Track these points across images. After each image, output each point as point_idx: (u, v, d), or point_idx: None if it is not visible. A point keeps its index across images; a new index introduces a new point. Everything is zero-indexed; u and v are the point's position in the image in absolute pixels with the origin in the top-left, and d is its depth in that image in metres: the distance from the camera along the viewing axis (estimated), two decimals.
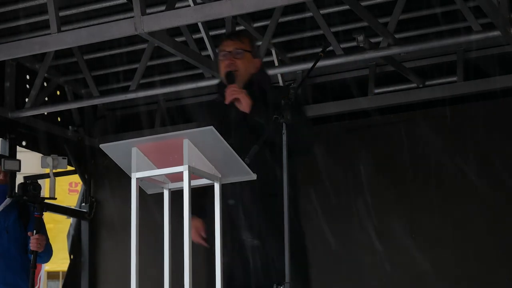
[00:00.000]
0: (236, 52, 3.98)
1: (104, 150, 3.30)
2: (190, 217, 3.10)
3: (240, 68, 3.97)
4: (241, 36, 4.14)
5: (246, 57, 4.00)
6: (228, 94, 3.84)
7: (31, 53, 5.63)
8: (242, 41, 4.04)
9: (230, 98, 3.83)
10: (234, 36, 4.14)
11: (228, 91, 3.85)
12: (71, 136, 7.40)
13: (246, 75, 3.98)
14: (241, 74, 3.95)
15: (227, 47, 4.02)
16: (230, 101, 3.83)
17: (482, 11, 4.90)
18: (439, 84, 6.33)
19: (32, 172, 7.95)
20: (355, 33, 5.42)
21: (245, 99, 3.82)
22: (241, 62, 3.97)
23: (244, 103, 3.82)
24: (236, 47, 4.00)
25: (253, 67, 4.03)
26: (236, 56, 3.98)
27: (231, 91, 3.84)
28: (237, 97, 3.82)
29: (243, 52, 3.99)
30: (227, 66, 3.97)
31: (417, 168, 6.41)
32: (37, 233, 5.36)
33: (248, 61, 4.01)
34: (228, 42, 4.05)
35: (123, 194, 6.90)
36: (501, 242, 6.07)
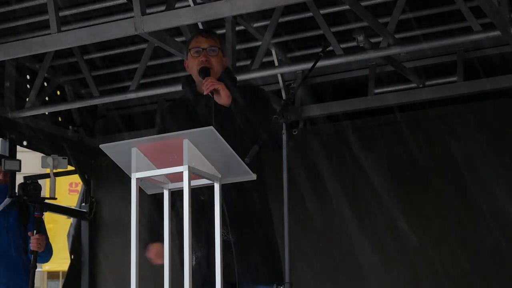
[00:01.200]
0: (210, 50, 3.98)
1: (104, 150, 3.30)
2: (190, 217, 3.10)
3: (214, 65, 3.96)
4: (212, 34, 4.11)
5: (219, 55, 4.00)
6: (208, 85, 3.80)
7: (31, 53, 5.63)
8: (214, 39, 4.03)
9: (209, 88, 3.79)
10: (207, 34, 4.09)
11: (207, 82, 3.82)
12: (71, 136, 7.40)
13: (218, 73, 3.97)
14: (214, 72, 3.94)
15: (202, 43, 4.00)
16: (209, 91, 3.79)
17: (482, 11, 4.90)
18: (439, 84, 6.33)
19: (32, 172, 7.96)
20: (355, 33, 5.42)
21: (225, 90, 3.80)
22: (215, 60, 3.97)
23: (223, 95, 3.79)
24: (210, 45, 3.99)
25: (223, 65, 4.04)
26: (210, 54, 3.97)
27: (209, 82, 3.82)
28: (217, 88, 3.79)
29: (217, 50, 3.99)
30: (202, 63, 3.95)
31: (417, 168, 6.41)
32: (37, 233, 5.36)
33: (220, 59, 4.01)
34: (201, 39, 4.02)
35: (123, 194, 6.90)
36: (501, 242, 6.07)
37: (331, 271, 6.52)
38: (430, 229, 6.32)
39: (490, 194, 6.12)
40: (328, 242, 6.56)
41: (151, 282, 3.94)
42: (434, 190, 6.37)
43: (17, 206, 5.57)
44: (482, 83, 6.17)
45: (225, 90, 3.80)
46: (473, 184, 6.21)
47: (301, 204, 6.41)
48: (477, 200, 6.17)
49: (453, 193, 6.30)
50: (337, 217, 6.58)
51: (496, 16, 5.00)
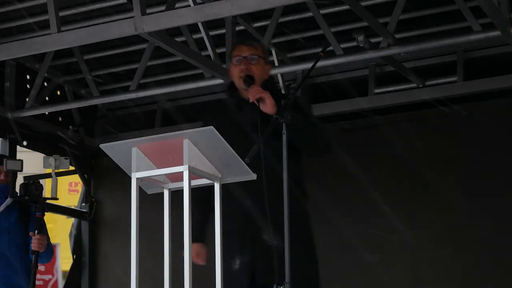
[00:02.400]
0: (251, 58, 4.04)
1: (104, 150, 3.30)
2: (190, 217, 3.10)
3: (255, 73, 4.01)
4: (254, 43, 4.19)
5: (260, 63, 4.05)
6: (253, 93, 3.84)
7: (31, 53, 5.63)
8: (256, 47, 4.10)
9: (255, 97, 3.83)
10: (249, 42, 4.16)
11: (252, 91, 3.86)
12: (71, 136, 7.40)
13: (260, 81, 4.02)
14: (256, 80, 3.99)
15: (243, 52, 4.07)
16: (254, 100, 3.83)
17: (482, 11, 4.90)
18: (439, 84, 6.33)
19: (32, 172, 7.95)
20: (355, 33, 5.42)
21: (270, 99, 3.82)
22: (256, 68, 4.02)
23: (269, 103, 3.81)
24: (251, 53, 4.05)
25: (266, 73, 4.09)
26: (251, 62, 4.03)
27: (255, 90, 3.86)
28: (262, 97, 3.82)
29: (258, 58, 4.04)
30: (243, 71, 4.01)
31: (417, 167, 6.41)
32: (38, 233, 5.36)
33: (262, 67, 4.06)
34: (243, 48, 4.09)
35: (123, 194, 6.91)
36: (501, 242, 6.07)
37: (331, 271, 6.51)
38: (430, 229, 6.32)
39: (490, 193, 6.12)
40: (328, 242, 6.55)
41: (151, 282, 3.94)
42: (434, 190, 6.36)
43: (18, 206, 5.57)
44: (482, 83, 6.16)
45: (271, 98, 3.82)
46: (474, 183, 6.21)
47: None
48: (477, 200, 6.17)
49: (453, 192, 6.29)
50: (337, 217, 6.58)
51: (496, 16, 5.00)
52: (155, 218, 3.55)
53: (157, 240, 3.45)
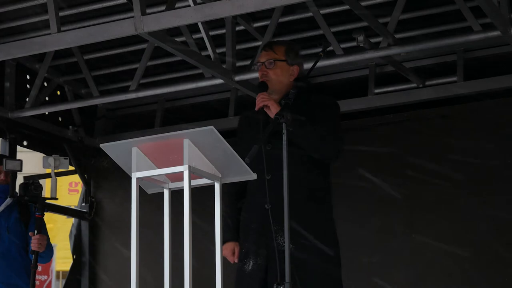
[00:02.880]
0: (268, 63, 4.10)
1: (104, 150, 3.30)
2: (190, 217, 3.11)
3: (272, 78, 4.07)
4: (275, 45, 4.22)
5: (279, 67, 4.10)
6: (258, 102, 3.94)
7: (31, 53, 5.63)
8: (274, 50, 4.14)
9: (259, 105, 3.92)
10: (268, 47, 4.22)
11: (258, 99, 3.95)
12: (71, 136, 7.40)
13: (280, 84, 4.08)
14: (273, 84, 4.05)
15: (261, 58, 4.16)
16: (259, 108, 3.91)
17: (482, 11, 4.90)
18: (439, 84, 6.33)
19: (32, 172, 7.96)
20: (355, 33, 5.42)
21: (273, 105, 3.90)
22: (273, 72, 4.08)
23: (273, 110, 3.88)
24: (268, 58, 4.12)
25: (289, 75, 4.12)
26: (268, 67, 4.09)
27: (260, 98, 3.94)
28: (267, 104, 3.90)
29: (274, 62, 4.09)
30: (261, 77, 4.10)
31: (417, 168, 6.41)
32: (38, 233, 5.36)
33: (281, 70, 4.10)
34: (262, 53, 4.19)
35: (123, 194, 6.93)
36: (501, 242, 6.07)
37: None
38: (430, 229, 6.32)
39: (490, 193, 6.13)
40: None
41: (151, 282, 3.94)
42: (434, 189, 6.36)
43: (19, 206, 5.57)
44: (482, 83, 6.16)
45: (274, 105, 3.89)
46: (473, 183, 6.21)
47: None
48: (477, 200, 6.17)
49: (453, 192, 6.30)
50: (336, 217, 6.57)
51: (496, 16, 5.00)
52: (155, 218, 3.56)
53: (157, 240, 3.45)
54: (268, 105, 3.90)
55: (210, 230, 3.26)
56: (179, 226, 3.14)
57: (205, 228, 3.81)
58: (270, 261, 3.86)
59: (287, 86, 4.06)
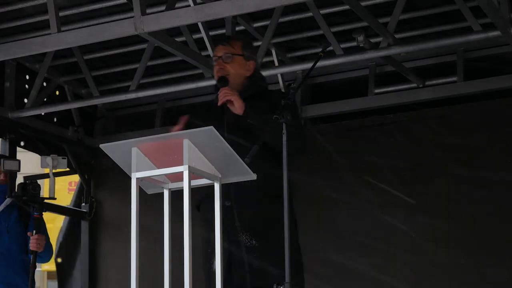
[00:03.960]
0: (225, 57, 4.05)
1: (104, 150, 3.30)
2: (190, 217, 3.11)
3: (231, 72, 4.02)
4: (232, 40, 4.18)
5: (237, 61, 4.05)
6: (221, 96, 3.88)
7: (31, 53, 5.63)
8: (232, 45, 4.09)
9: (222, 100, 3.87)
10: (225, 41, 4.18)
11: (220, 93, 3.89)
12: (71, 136, 7.40)
13: (238, 78, 4.03)
14: (232, 78, 4.01)
15: (218, 52, 4.10)
16: (222, 103, 3.86)
17: (482, 11, 4.90)
18: (439, 84, 6.33)
19: (32, 172, 7.95)
20: (355, 33, 5.42)
21: (237, 101, 3.85)
22: (231, 67, 4.03)
23: (236, 105, 3.85)
24: (225, 52, 4.06)
25: (246, 70, 4.08)
26: (226, 61, 4.04)
27: (223, 93, 3.88)
28: (230, 99, 3.85)
29: (232, 56, 4.04)
30: (218, 71, 4.04)
31: (417, 168, 6.41)
32: (36, 233, 5.36)
33: (239, 64, 4.05)
34: (219, 47, 4.12)
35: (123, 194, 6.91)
36: (501, 242, 6.07)
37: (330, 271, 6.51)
38: (430, 229, 6.32)
39: (490, 193, 6.12)
40: (329, 242, 6.55)
41: (151, 282, 3.93)
42: (434, 189, 6.36)
43: (18, 206, 5.57)
44: (482, 83, 6.16)
45: (238, 100, 3.84)
46: (474, 183, 6.20)
47: (301, 203, 6.39)
48: (477, 200, 6.17)
49: (453, 192, 6.29)
50: (337, 217, 6.58)
51: (496, 16, 5.00)
52: (155, 218, 3.56)
53: (157, 240, 3.45)
54: (231, 100, 3.84)
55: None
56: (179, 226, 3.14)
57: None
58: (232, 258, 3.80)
59: (243, 81, 4.02)
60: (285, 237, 3.49)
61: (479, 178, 6.18)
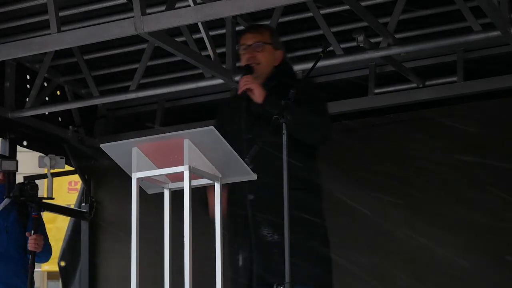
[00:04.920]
0: (256, 45, 3.98)
1: (104, 150, 3.30)
2: (190, 217, 3.10)
3: (261, 61, 3.96)
4: (260, 28, 4.12)
5: (267, 50, 4.00)
6: (241, 85, 3.83)
7: (31, 53, 5.62)
8: (261, 33, 4.03)
9: (242, 88, 3.81)
10: (254, 29, 4.11)
11: (241, 82, 3.84)
12: (71, 136, 7.40)
13: (268, 67, 3.97)
14: (262, 67, 3.95)
15: (247, 40, 4.02)
16: (242, 91, 3.81)
17: (482, 11, 4.90)
18: (439, 84, 6.32)
19: (32, 172, 7.95)
20: (355, 33, 5.42)
21: (258, 89, 3.79)
22: (261, 55, 3.97)
23: (256, 93, 3.79)
24: (256, 40, 3.99)
25: (275, 59, 4.02)
26: (256, 49, 3.98)
27: (244, 81, 3.83)
28: (250, 88, 3.79)
29: (263, 45, 3.99)
30: (248, 60, 3.96)
31: (417, 168, 6.41)
32: (35, 233, 5.36)
33: (269, 53, 4.00)
34: (248, 36, 4.04)
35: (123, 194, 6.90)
36: (501, 242, 6.07)
37: None
38: (430, 229, 6.32)
39: (492, 193, 6.12)
40: None
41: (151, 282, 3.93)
42: (435, 189, 6.37)
43: (17, 206, 5.57)
44: (482, 83, 6.16)
45: (258, 88, 3.79)
46: (474, 183, 6.21)
47: None
48: (477, 200, 6.17)
49: (453, 192, 6.30)
50: (336, 217, 6.57)
51: (496, 16, 5.00)
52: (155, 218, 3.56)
53: (157, 240, 3.45)
54: (252, 89, 3.79)
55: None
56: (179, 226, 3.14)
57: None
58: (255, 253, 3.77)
59: (271, 71, 3.97)
60: (285, 237, 3.48)
61: (480, 178, 6.18)
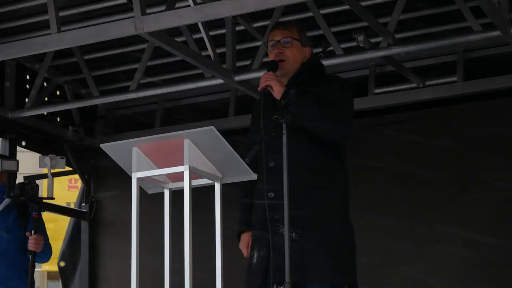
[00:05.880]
0: (284, 41, 3.95)
1: (104, 150, 3.30)
2: (190, 217, 3.10)
3: (289, 57, 3.92)
4: (288, 25, 4.07)
5: (295, 46, 3.96)
6: (262, 81, 3.79)
7: (31, 53, 5.63)
8: (290, 30, 3.99)
9: (262, 85, 3.78)
10: (282, 26, 4.06)
11: (262, 78, 3.80)
12: (71, 136, 7.40)
13: (295, 64, 3.94)
14: (290, 64, 3.92)
15: (275, 36, 3.98)
16: (262, 88, 3.78)
17: (482, 11, 4.90)
18: (439, 84, 6.32)
19: (32, 172, 7.96)
20: (355, 33, 5.42)
21: (276, 86, 3.75)
22: (290, 51, 3.93)
23: (275, 90, 3.75)
24: (284, 36, 3.95)
25: (303, 56, 3.99)
26: (284, 45, 3.94)
27: (264, 78, 3.79)
28: (270, 84, 3.75)
29: (291, 41, 3.95)
30: (276, 56, 3.92)
31: (417, 168, 6.41)
32: (35, 233, 5.36)
33: (297, 50, 3.96)
34: (276, 32, 4.01)
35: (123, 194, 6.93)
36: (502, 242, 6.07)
37: None
38: (430, 229, 6.32)
39: (490, 193, 6.12)
40: None
41: (151, 282, 3.94)
42: (435, 189, 6.36)
43: (17, 206, 5.57)
44: (482, 83, 6.16)
45: (277, 85, 3.74)
46: (474, 183, 6.21)
47: None
48: (478, 199, 6.17)
49: (453, 192, 6.30)
50: None
51: (496, 16, 5.00)
52: (155, 218, 3.56)
53: (157, 240, 3.45)
54: (271, 85, 3.75)
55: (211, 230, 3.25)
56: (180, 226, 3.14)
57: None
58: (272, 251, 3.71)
59: (299, 68, 3.93)
60: (285, 236, 3.48)
61: (480, 178, 6.18)
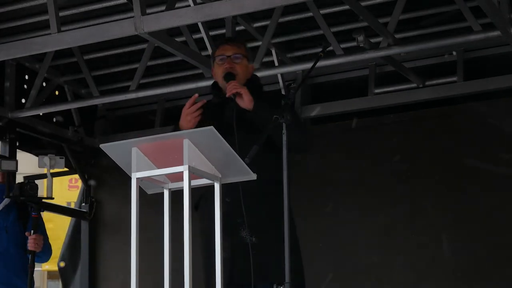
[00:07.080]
0: (235, 57, 4.05)
1: (104, 150, 3.30)
2: (190, 217, 3.10)
3: (240, 72, 4.03)
4: (237, 41, 4.20)
5: (243, 63, 4.08)
6: (230, 88, 3.88)
7: (31, 53, 5.63)
8: (239, 46, 4.10)
9: (232, 91, 3.86)
10: (232, 41, 4.18)
11: (230, 86, 3.89)
12: (71, 136, 7.40)
13: (244, 79, 4.04)
14: (239, 79, 4.01)
15: (226, 51, 4.08)
16: (231, 94, 3.85)
17: (482, 11, 4.90)
18: (439, 84, 6.33)
19: (32, 172, 7.95)
20: (355, 33, 5.42)
21: (247, 94, 3.86)
22: (239, 67, 4.04)
23: (246, 99, 3.85)
24: (235, 52, 4.06)
25: (248, 72, 4.11)
26: (235, 61, 4.05)
27: (232, 85, 3.89)
28: (240, 92, 3.85)
29: (241, 57, 4.06)
30: (226, 69, 4.02)
31: (417, 168, 6.41)
32: (34, 233, 5.36)
33: (245, 66, 4.08)
34: (227, 47, 4.10)
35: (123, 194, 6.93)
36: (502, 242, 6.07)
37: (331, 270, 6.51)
38: (430, 229, 6.32)
39: (491, 193, 6.12)
40: (328, 240, 6.55)
41: (151, 282, 3.94)
42: (435, 189, 6.37)
43: (17, 206, 5.57)
44: (482, 83, 6.16)
45: (248, 94, 3.86)
46: (474, 183, 6.21)
47: (301, 204, 6.40)
48: (477, 199, 6.17)
49: (453, 192, 6.30)
50: (337, 217, 6.58)
51: (496, 16, 5.00)
52: (155, 218, 3.56)
53: (157, 240, 3.45)
54: (241, 93, 3.84)
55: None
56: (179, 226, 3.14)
57: None
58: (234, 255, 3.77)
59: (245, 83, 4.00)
60: (285, 236, 3.48)
61: (479, 178, 6.18)
